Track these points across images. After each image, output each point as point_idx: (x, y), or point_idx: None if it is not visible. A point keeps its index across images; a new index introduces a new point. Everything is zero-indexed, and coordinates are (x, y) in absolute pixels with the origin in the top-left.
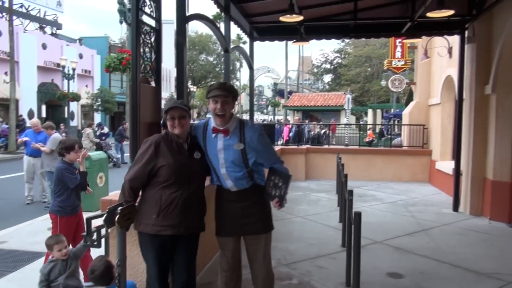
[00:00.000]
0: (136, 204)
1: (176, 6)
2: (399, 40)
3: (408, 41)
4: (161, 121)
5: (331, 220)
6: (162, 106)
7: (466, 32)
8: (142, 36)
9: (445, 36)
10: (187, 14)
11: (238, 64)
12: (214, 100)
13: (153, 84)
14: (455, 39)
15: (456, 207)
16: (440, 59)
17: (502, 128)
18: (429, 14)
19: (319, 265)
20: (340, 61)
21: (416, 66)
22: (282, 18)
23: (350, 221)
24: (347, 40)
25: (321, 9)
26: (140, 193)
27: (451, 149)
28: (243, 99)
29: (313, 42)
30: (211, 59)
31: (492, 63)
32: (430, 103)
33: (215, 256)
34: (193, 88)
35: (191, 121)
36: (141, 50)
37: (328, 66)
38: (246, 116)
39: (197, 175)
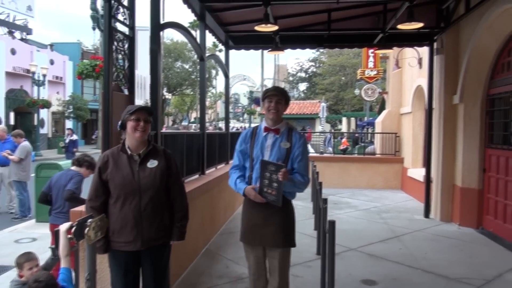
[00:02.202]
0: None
1: (150, 14)
2: (372, 50)
3: (380, 52)
4: (119, 122)
5: (306, 228)
6: None
7: (435, 44)
8: (115, 43)
9: (415, 47)
10: (162, 22)
11: (214, 72)
12: (269, 99)
13: (126, 92)
14: (424, 50)
15: (427, 213)
16: (410, 70)
17: (469, 137)
18: (399, 26)
19: (295, 273)
20: (315, 70)
21: (388, 76)
22: (257, 28)
23: (325, 229)
24: (321, 50)
25: (296, 19)
26: None
27: (422, 157)
28: (219, 107)
29: (289, 51)
30: (187, 66)
31: (459, 74)
32: (402, 112)
33: (196, 258)
34: (168, 96)
35: (164, 129)
36: (114, 57)
37: (303, 74)
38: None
39: (150, 185)
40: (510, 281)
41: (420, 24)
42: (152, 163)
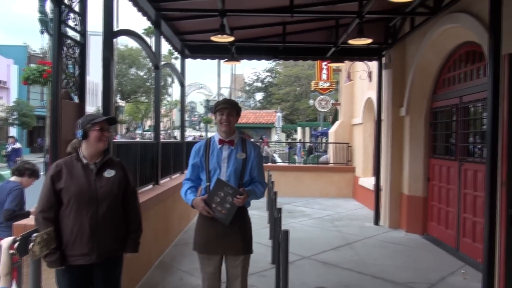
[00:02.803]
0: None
1: (103, 20)
2: (325, 63)
3: (333, 65)
4: (80, 132)
5: (261, 237)
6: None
7: (383, 59)
8: (65, 50)
9: (366, 61)
10: (115, 29)
11: (170, 79)
12: (221, 112)
13: (76, 100)
14: (374, 65)
15: (377, 220)
16: (361, 82)
17: (415, 147)
18: (350, 41)
19: (250, 283)
20: (271, 80)
21: (341, 88)
22: (213, 38)
23: (279, 238)
24: (277, 61)
25: (252, 31)
26: None
27: (372, 166)
28: (175, 115)
29: (245, 61)
30: (142, 73)
31: (406, 88)
32: (353, 122)
33: (149, 271)
34: (121, 103)
35: (118, 137)
36: (64, 64)
37: (259, 84)
38: (177, 132)
39: (107, 194)
40: (452, 284)
41: (369, 40)
42: (109, 173)
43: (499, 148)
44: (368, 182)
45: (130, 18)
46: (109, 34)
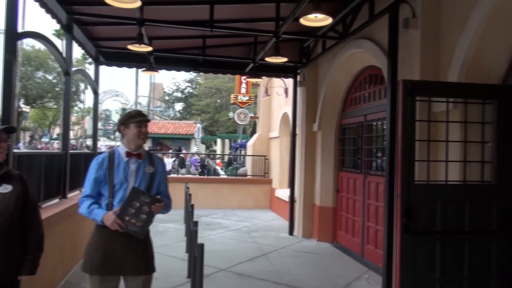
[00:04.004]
0: None
1: (5, 20)
2: (244, 77)
3: (252, 80)
4: None
5: (177, 250)
6: None
7: (298, 77)
8: None
9: (282, 78)
10: (20, 31)
11: (82, 85)
12: (139, 124)
13: None
14: (290, 81)
15: (291, 231)
16: (278, 98)
17: (326, 161)
18: (267, 59)
19: None
20: (191, 90)
21: (259, 102)
22: (130, 47)
23: (195, 252)
24: (197, 72)
25: (172, 42)
26: None
27: (288, 178)
28: (87, 123)
29: (164, 71)
30: (51, 77)
31: (318, 105)
32: (271, 136)
33: None
34: (26, 108)
35: (22, 145)
36: None
37: (179, 94)
38: (89, 142)
39: (2, 212)
40: None
41: (285, 59)
42: (5, 188)
43: (395, 163)
44: (284, 193)
45: (40, 16)
46: (12, 35)
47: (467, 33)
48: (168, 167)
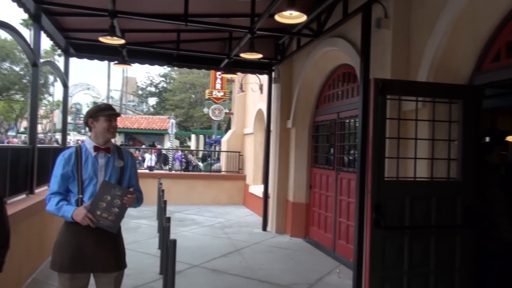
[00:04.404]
0: None
1: None
2: (219, 73)
3: (227, 75)
4: None
5: (150, 247)
6: None
7: (273, 73)
8: None
9: (257, 74)
10: None
11: (52, 77)
12: (109, 118)
13: None
14: (265, 78)
15: (265, 227)
16: (253, 94)
17: (299, 157)
18: (242, 55)
19: None
20: (165, 85)
21: (234, 98)
22: (101, 39)
23: (167, 248)
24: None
25: (145, 35)
26: None
27: (262, 175)
28: (57, 117)
29: (138, 65)
30: (17, 69)
31: (292, 102)
32: (245, 132)
33: None
34: None
35: None
36: None
37: (153, 89)
38: (58, 136)
39: None
40: (328, 283)
41: (260, 55)
42: None
43: (367, 160)
44: (257, 189)
45: (6, 4)
46: None
47: (435, 34)
48: (151, 163)
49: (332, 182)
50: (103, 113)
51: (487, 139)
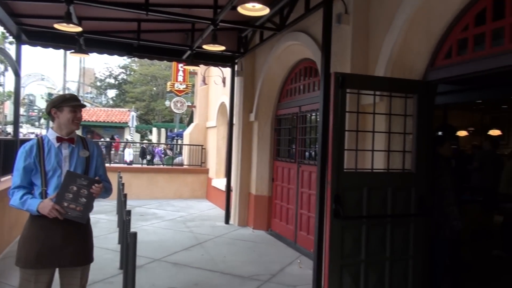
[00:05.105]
0: None
1: None
2: (181, 65)
3: (189, 67)
4: None
5: (109, 242)
6: None
7: (236, 66)
8: None
9: (220, 67)
10: None
11: (2, 66)
12: (74, 109)
13: None
14: (228, 71)
15: (227, 220)
16: (216, 87)
17: (262, 150)
18: (204, 46)
19: None
20: (125, 77)
21: (196, 90)
22: (57, 26)
23: (127, 242)
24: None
25: (104, 23)
26: None
27: (225, 168)
28: (8, 108)
29: (96, 55)
30: None
31: (255, 95)
32: (208, 125)
33: None
34: None
35: None
36: None
37: (112, 81)
38: (10, 129)
39: None
40: (290, 273)
41: (222, 47)
42: None
43: (328, 153)
44: (220, 183)
45: None
46: None
47: (392, 31)
48: (130, 157)
49: (294, 174)
50: (68, 103)
51: (440, 133)
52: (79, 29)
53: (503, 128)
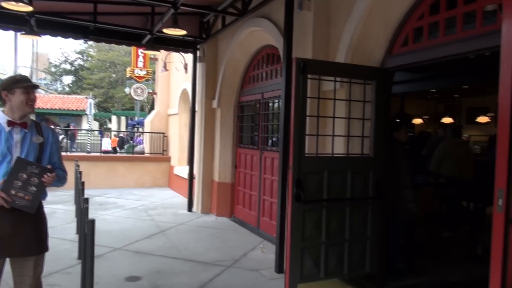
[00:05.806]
0: None
1: None
2: (141, 50)
3: (150, 53)
4: None
5: (67, 232)
6: None
7: (198, 52)
8: None
9: (181, 52)
10: None
11: None
12: (27, 90)
13: None
14: (189, 57)
15: (190, 207)
16: (177, 73)
17: (224, 137)
18: (165, 30)
19: (51, 283)
20: (82, 63)
21: (157, 77)
22: (4, 4)
23: (85, 231)
24: (90, 42)
25: (58, 4)
26: None
27: (187, 156)
28: None
29: (49, 38)
30: None
31: (218, 81)
32: (170, 112)
33: None
34: None
35: None
36: None
37: (68, 67)
38: None
39: None
40: (252, 258)
41: (183, 32)
42: None
43: (290, 138)
44: (183, 171)
45: None
46: None
47: (352, 18)
48: (108, 147)
49: (257, 161)
50: (20, 84)
51: (397, 120)
52: (29, 8)
53: (455, 116)
